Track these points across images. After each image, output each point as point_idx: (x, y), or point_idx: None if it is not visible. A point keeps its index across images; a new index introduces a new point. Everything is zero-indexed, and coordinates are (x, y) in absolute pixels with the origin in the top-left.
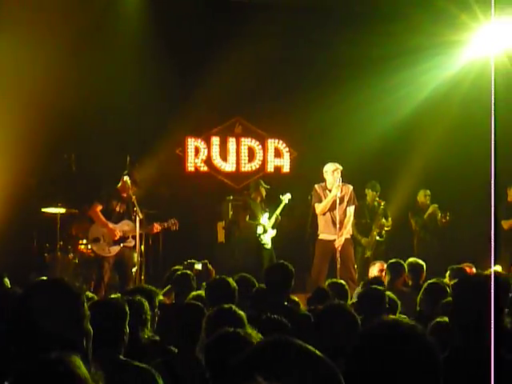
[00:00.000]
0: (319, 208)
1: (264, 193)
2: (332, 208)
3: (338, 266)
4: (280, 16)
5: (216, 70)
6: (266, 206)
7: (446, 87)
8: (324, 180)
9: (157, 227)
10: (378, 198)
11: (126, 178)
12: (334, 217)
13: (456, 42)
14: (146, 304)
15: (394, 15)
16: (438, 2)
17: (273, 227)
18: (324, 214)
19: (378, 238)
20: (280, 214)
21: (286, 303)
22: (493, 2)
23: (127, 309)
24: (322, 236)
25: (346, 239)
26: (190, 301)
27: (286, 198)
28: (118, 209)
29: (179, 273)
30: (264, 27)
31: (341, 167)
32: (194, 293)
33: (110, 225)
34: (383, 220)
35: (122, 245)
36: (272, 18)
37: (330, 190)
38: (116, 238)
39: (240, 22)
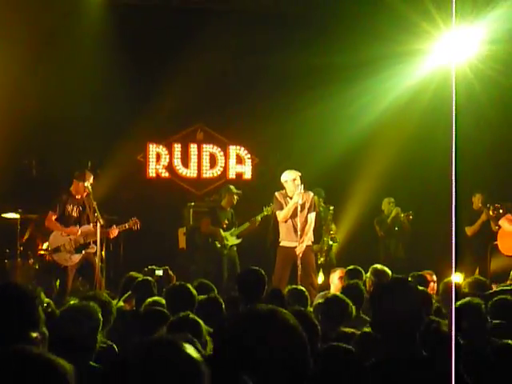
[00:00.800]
0: (281, 215)
1: (235, 199)
2: (294, 215)
3: (299, 272)
4: (241, 24)
5: (178, 77)
6: (234, 214)
7: (408, 95)
8: (284, 188)
9: (113, 232)
10: (323, 204)
11: (86, 183)
12: (295, 224)
13: (418, 50)
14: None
15: (356, 23)
16: (400, 11)
17: (238, 236)
18: (286, 222)
19: (331, 242)
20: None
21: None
22: (454, 10)
23: (100, 316)
24: (283, 243)
25: (307, 246)
26: (151, 307)
27: (267, 210)
28: (73, 213)
29: (140, 279)
30: (226, 35)
31: (299, 174)
32: (151, 299)
33: (72, 228)
34: (332, 226)
35: (83, 252)
36: (232, 27)
37: (290, 198)
38: (80, 242)
39: (201, 30)
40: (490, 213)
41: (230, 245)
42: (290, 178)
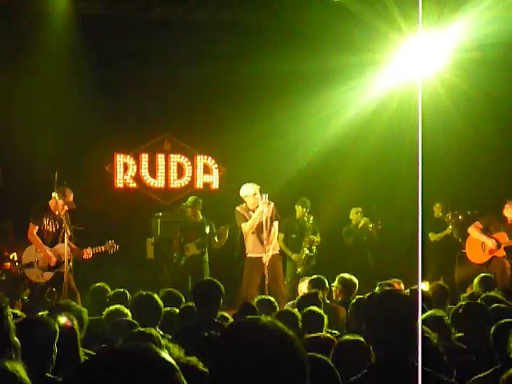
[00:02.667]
0: (247, 227)
1: (187, 210)
2: (259, 226)
3: (267, 282)
4: (207, 33)
5: (144, 87)
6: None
7: (374, 104)
8: (244, 202)
9: (88, 253)
10: (307, 214)
11: (54, 194)
12: (260, 235)
13: (384, 59)
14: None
15: (323, 32)
16: (366, 20)
17: (198, 246)
18: (252, 233)
19: (308, 252)
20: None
21: (215, 320)
22: (420, 19)
23: (57, 327)
24: (250, 254)
25: (275, 255)
26: (114, 318)
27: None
28: (50, 229)
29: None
30: (192, 45)
31: (258, 186)
32: (113, 307)
33: (47, 250)
34: (312, 236)
35: (56, 270)
36: (198, 36)
37: (252, 211)
38: (52, 264)
39: (167, 40)
40: (447, 219)
41: (190, 255)
42: (251, 193)
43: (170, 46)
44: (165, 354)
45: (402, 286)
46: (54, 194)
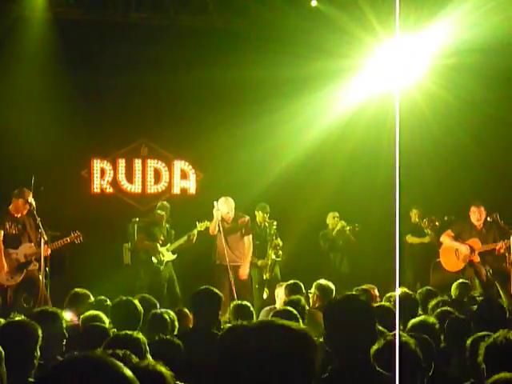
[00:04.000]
0: (211, 227)
1: (163, 214)
2: (226, 235)
3: (234, 289)
4: (182, 39)
5: (122, 92)
6: (170, 229)
7: (351, 110)
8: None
9: (46, 250)
10: (268, 219)
11: (30, 199)
12: (230, 243)
13: (360, 64)
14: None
15: (299, 37)
16: (342, 25)
17: (174, 252)
18: (220, 242)
19: (274, 257)
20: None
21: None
22: (397, 25)
23: (39, 332)
24: (217, 262)
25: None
26: (91, 323)
27: (201, 226)
28: (13, 231)
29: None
30: (168, 50)
31: (233, 204)
32: (90, 313)
33: (11, 251)
34: (276, 240)
35: (25, 270)
36: (173, 41)
37: (227, 222)
38: (21, 261)
39: (143, 45)
40: (424, 225)
41: (166, 260)
42: (225, 212)
43: (147, 52)
44: (123, 370)
45: (377, 292)
46: (30, 200)
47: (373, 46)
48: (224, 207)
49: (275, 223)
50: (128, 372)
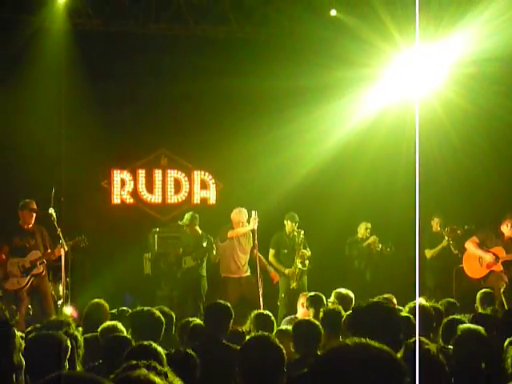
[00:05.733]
0: (233, 233)
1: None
2: (240, 246)
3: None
4: (204, 48)
5: (141, 102)
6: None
7: (371, 118)
8: (231, 222)
9: (59, 251)
10: (296, 228)
11: (51, 210)
12: (237, 257)
13: (380, 73)
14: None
15: (320, 47)
16: (363, 34)
17: (194, 258)
18: (229, 254)
19: (301, 267)
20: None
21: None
22: (417, 34)
23: (69, 343)
24: (224, 274)
25: (247, 277)
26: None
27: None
28: (21, 243)
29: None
30: (190, 59)
31: (247, 217)
32: (107, 324)
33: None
34: (303, 250)
35: (31, 273)
36: (198, 52)
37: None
38: (26, 266)
39: (163, 55)
40: (446, 234)
41: (186, 267)
42: (236, 220)
43: (167, 62)
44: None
45: (395, 301)
46: (50, 211)
47: (392, 55)
48: (237, 217)
49: (303, 232)
50: None
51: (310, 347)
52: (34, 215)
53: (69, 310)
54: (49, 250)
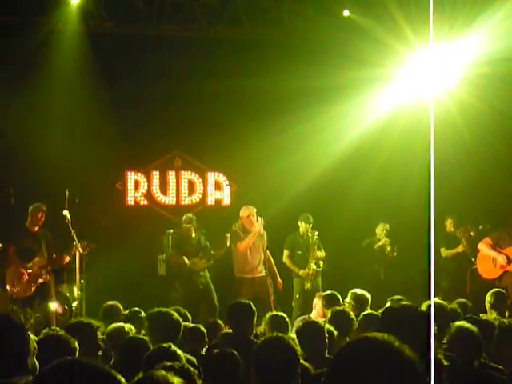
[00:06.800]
0: (242, 245)
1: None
2: (252, 247)
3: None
4: (219, 50)
5: (155, 104)
6: (202, 238)
7: (385, 118)
8: (242, 224)
9: (67, 258)
10: (310, 229)
11: (65, 212)
12: (250, 256)
13: (394, 73)
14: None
15: (334, 47)
16: (377, 34)
17: (209, 259)
18: (242, 254)
19: (315, 268)
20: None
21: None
22: (431, 34)
23: (76, 344)
24: (238, 275)
25: (261, 277)
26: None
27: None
28: (27, 245)
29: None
30: (203, 60)
31: (255, 209)
32: (115, 325)
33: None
34: (317, 251)
35: (37, 282)
36: (207, 52)
37: (248, 232)
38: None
39: (176, 57)
40: (459, 234)
41: (199, 269)
42: (245, 215)
43: (180, 64)
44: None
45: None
46: (65, 212)
47: (406, 55)
48: (246, 212)
49: (317, 233)
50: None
51: (316, 348)
52: (43, 219)
53: (54, 306)
54: (54, 255)
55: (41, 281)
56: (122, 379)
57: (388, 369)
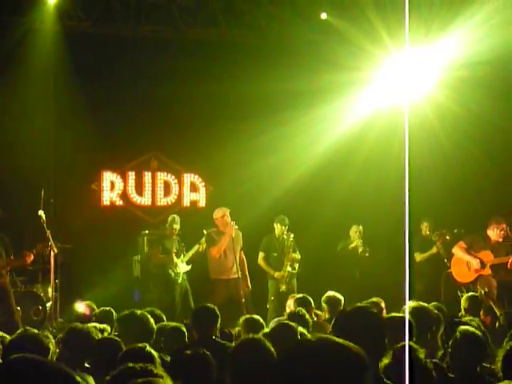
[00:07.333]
0: (215, 250)
1: (177, 228)
2: (227, 249)
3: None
4: (194, 51)
5: (132, 104)
6: (181, 241)
7: (362, 122)
8: (216, 226)
9: (29, 256)
10: (286, 231)
11: (40, 212)
12: (225, 258)
13: (371, 77)
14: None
15: (311, 50)
16: (353, 37)
17: (188, 262)
18: (220, 257)
19: (290, 270)
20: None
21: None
22: (407, 38)
23: (50, 345)
24: (214, 276)
25: (236, 279)
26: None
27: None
28: None
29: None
30: (180, 62)
31: (228, 210)
32: (91, 324)
33: None
34: (293, 253)
35: None
36: (185, 54)
37: (223, 233)
38: None
39: (154, 58)
40: (435, 238)
41: (182, 272)
42: (219, 216)
43: (157, 64)
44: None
45: (383, 305)
46: (40, 212)
47: (382, 58)
48: (220, 213)
49: (292, 236)
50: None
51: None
52: None
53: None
54: (11, 257)
55: (1, 280)
56: (79, 378)
57: (333, 364)
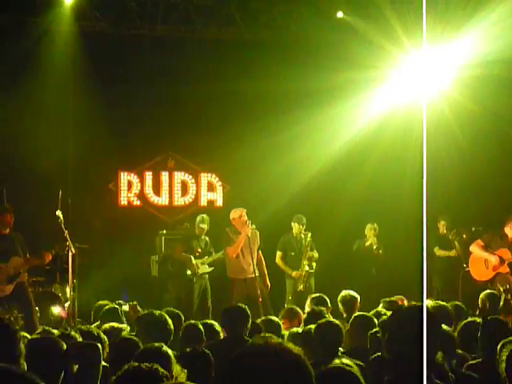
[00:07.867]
0: (231, 250)
1: (200, 228)
2: (242, 249)
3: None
4: (213, 51)
5: (149, 104)
6: (210, 242)
7: (378, 120)
8: (233, 226)
9: (48, 256)
10: (304, 231)
11: (58, 213)
12: (242, 258)
13: (388, 75)
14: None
15: (328, 49)
16: (370, 36)
17: (210, 265)
18: (237, 257)
19: (308, 269)
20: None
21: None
22: (424, 36)
23: (64, 347)
24: (231, 275)
25: (252, 278)
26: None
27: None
28: (1, 246)
29: (106, 308)
30: (197, 61)
31: (245, 210)
32: (111, 324)
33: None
34: (310, 252)
35: (15, 281)
36: (205, 54)
37: (240, 233)
38: (10, 273)
39: (171, 57)
40: (452, 236)
41: (201, 273)
42: (236, 216)
43: (173, 64)
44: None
45: (406, 303)
46: (58, 213)
47: (399, 56)
48: (237, 213)
49: (310, 234)
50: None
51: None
52: (13, 220)
53: (57, 310)
54: (28, 256)
55: (19, 280)
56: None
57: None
